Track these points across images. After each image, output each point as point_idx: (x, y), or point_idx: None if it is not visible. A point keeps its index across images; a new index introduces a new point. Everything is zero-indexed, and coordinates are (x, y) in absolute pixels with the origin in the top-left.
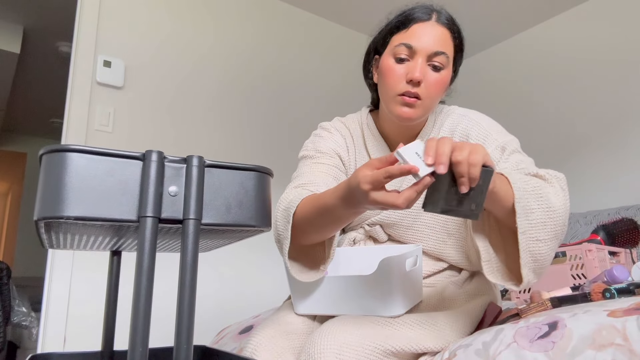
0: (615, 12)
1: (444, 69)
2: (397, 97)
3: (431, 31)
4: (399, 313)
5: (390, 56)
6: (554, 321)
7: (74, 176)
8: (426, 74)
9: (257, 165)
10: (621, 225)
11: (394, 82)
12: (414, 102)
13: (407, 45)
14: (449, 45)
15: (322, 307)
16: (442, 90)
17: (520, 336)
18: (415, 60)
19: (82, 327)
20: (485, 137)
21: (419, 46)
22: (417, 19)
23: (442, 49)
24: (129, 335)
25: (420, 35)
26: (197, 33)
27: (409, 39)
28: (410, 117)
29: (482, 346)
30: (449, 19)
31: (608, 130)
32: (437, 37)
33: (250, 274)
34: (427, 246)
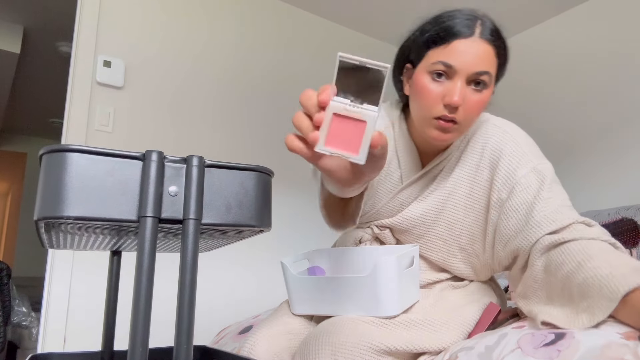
0: (615, 13)
1: (486, 89)
2: (433, 120)
3: (474, 49)
4: (395, 313)
5: (426, 73)
6: (562, 332)
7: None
8: (465, 96)
9: (257, 165)
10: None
11: (429, 104)
12: (449, 126)
13: (446, 64)
14: (492, 63)
15: (319, 307)
16: (481, 111)
17: (525, 342)
18: (454, 81)
19: (82, 327)
20: (521, 156)
21: (459, 66)
22: (458, 34)
23: (484, 69)
24: (129, 335)
25: (461, 53)
26: (197, 33)
27: (449, 56)
28: (444, 141)
29: (485, 350)
30: (493, 32)
31: (608, 131)
32: (479, 55)
33: (251, 274)
34: (435, 257)
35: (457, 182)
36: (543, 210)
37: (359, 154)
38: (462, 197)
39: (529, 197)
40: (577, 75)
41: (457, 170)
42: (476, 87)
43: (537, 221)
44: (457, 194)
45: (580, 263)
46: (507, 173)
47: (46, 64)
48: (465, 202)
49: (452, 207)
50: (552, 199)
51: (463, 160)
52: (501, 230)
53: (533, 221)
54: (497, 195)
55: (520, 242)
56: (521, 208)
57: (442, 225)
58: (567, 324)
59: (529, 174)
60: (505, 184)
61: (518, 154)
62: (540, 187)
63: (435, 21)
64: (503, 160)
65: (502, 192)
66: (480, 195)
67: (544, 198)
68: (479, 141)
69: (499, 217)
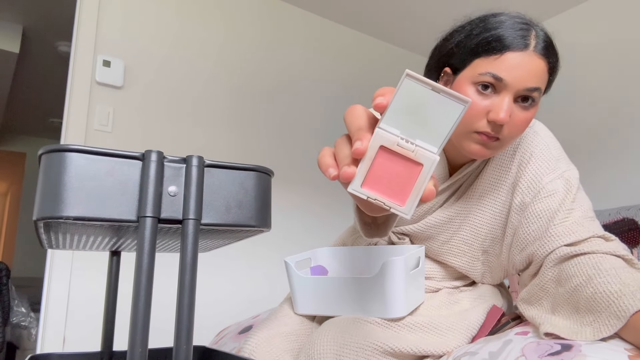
0: (617, 12)
1: (533, 106)
2: (474, 134)
3: (527, 64)
4: (401, 315)
5: (471, 83)
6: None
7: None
8: (512, 114)
9: (257, 165)
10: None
11: (472, 118)
12: (491, 143)
13: (496, 77)
14: (544, 79)
15: (323, 307)
16: (525, 128)
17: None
18: (502, 96)
19: (81, 328)
20: (549, 161)
21: (510, 81)
22: (512, 45)
23: (536, 85)
24: (129, 335)
25: (514, 67)
26: (196, 33)
27: (499, 69)
28: (483, 157)
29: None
30: (548, 44)
31: (608, 131)
32: (533, 71)
33: (251, 274)
34: (459, 263)
35: (486, 186)
36: (564, 221)
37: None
38: (490, 200)
39: (552, 205)
40: (577, 75)
41: (486, 174)
42: (524, 103)
43: (556, 231)
44: (486, 197)
45: (591, 277)
46: (533, 177)
47: (45, 63)
48: (493, 205)
49: (479, 211)
50: (574, 210)
51: (493, 163)
52: (520, 235)
53: (553, 230)
54: (520, 198)
55: (537, 250)
56: (543, 215)
57: (467, 230)
58: (570, 335)
59: (556, 181)
60: (530, 188)
61: (547, 158)
62: (566, 196)
63: (485, 26)
64: (532, 163)
65: (526, 196)
66: (506, 197)
67: (567, 209)
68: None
69: (520, 221)
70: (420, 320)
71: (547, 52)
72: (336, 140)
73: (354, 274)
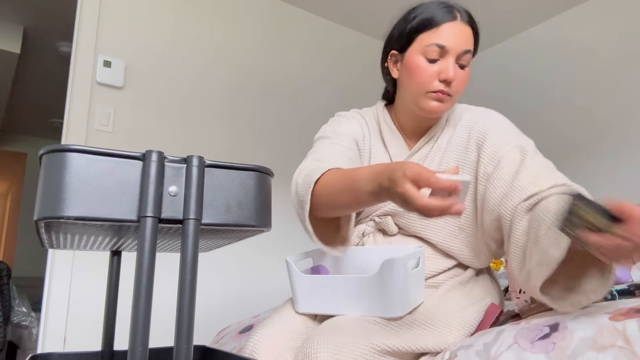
0: (617, 12)
1: (467, 67)
2: (430, 93)
3: (460, 31)
4: (400, 314)
5: (419, 55)
6: (555, 322)
7: (74, 176)
8: (455, 73)
9: (257, 165)
10: None
11: (426, 81)
12: (445, 98)
13: (439, 45)
14: (472, 42)
15: (323, 306)
16: (467, 84)
17: (521, 337)
18: (446, 59)
19: (82, 327)
20: (503, 135)
21: (450, 46)
22: (445, 18)
23: (469, 47)
24: (129, 335)
25: (450, 35)
26: (197, 33)
27: (440, 39)
28: (441, 111)
29: (483, 347)
30: (469, 14)
31: (608, 130)
32: (464, 36)
33: (251, 274)
34: (437, 239)
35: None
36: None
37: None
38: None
39: (513, 167)
40: (577, 75)
41: (447, 154)
42: (462, 66)
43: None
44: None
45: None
46: (492, 151)
47: (46, 64)
48: None
49: None
50: (534, 166)
51: (451, 145)
52: (488, 200)
53: (516, 186)
54: (483, 169)
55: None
56: (506, 176)
57: None
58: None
59: (513, 150)
60: (492, 160)
61: (501, 134)
62: (523, 158)
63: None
64: (488, 140)
65: (489, 167)
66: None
67: (527, 166)
68: (464, 127)
69: (486, 188)
70: (417, 318)
71: (470, 20)
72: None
73: (354, 273)
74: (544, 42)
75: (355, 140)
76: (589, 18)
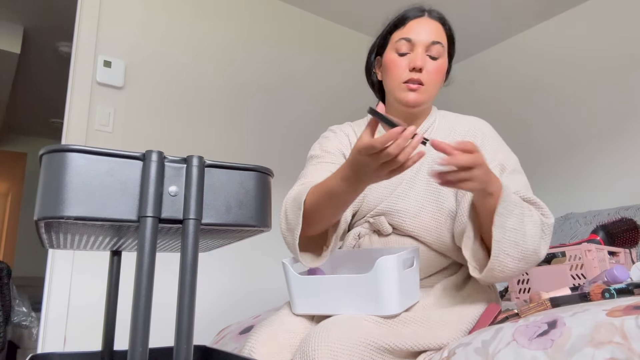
0: (614, 13)
1: (440, 58)
2: (402, 84)
3: (426, 24)
4: (395, 312)
5: (392, 51)
6: (553, 320)
7: (74, 176)
8: (426, 63)
9: (257, 165)
10: (621, 225)
11: (398, 73)
12: (417, 87)
13: (406, 39)
14: (442, 36)
15: (320, 307)
16: (442, 76)
17: (520, 334)
18: (415, 51)
19: (82, 327)
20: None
21: (417, 38)
22: (412, 16)
23: (437, 39)
24: (129, 335)
25: (417, 29)
26: (197, 33)
27: (408, 33)
28: (416, 101)
29: (482, 345)
30: (439, 14)
31: (607, 130)
32: (431, 29)
33: (251, 274)
34: (430, 238)
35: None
36: None
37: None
38: None
39: None
40: (576, 75)
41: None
42: (433, 58)
43: None
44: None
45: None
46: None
47: (46, 64)
48: None
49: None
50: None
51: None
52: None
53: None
54: None
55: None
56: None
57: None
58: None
59: (494, 169)
60: None
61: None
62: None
63: (395, 16)
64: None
65: None
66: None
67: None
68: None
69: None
70: (415, 316)
71: (440, 18)
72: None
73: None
74: (543, 42)
75: (343, 154)
76: (586, 19)
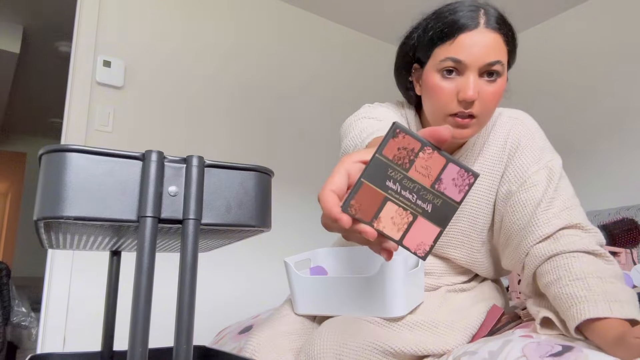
0: (615, 12)
1: (499, 78)
2: (448, 117)
3: (481, 40)
4: (401, 314)
5: (435, 72)
6: (569, 345)
7: (73, 176)
8: (480, 90)
9: (257, 165)
10: (621, 225)
11: (443, 103)
12: (467, 122)
13: (455, 60)
14: (502, 51)
15: (323, 307)
16: (499, 100)
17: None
18: (466, 76)
19: (81, 327)
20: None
21: (469, 60)
22: (463, 27)
23: (495, 58)
24: (129, 335)
25: (469, 46)
26: (197, 33)
27: (457, 52)
28: (464, 138)
29: (489, 355)
30: (498, 19)
31: (608, 130)
32: (488, 46)
33: (250, 274)
34: (459, 255)
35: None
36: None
37: None
38: (484, 191)
39: (536, 195)
40: (577, 75)
41: (477, 165)
42: (489, 77)
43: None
44: (479, 187)
45: (560, 277)
46: (520, 167)
47: (46, 64)
48: (488, 195)
49: (474, 202)
50: (555, 199)
51: (484, 155)
52: (505, 224)
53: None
54: (507, 186)
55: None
56: (528, 204)
57: (464, 221)
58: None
59: (540, 171)
60: (517, 177)
61: (533, 149)
62: (548, 185)
63: (438, 17)
64: (519, 152)
65: (513, 185)
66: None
67: (549, 197)
68: (499, 135)
69: (505, 209)
70: (420, 319)
71: (499, 26)
72: None
73: (354, 274)
74: (543, 42)
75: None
76: (586, 19)
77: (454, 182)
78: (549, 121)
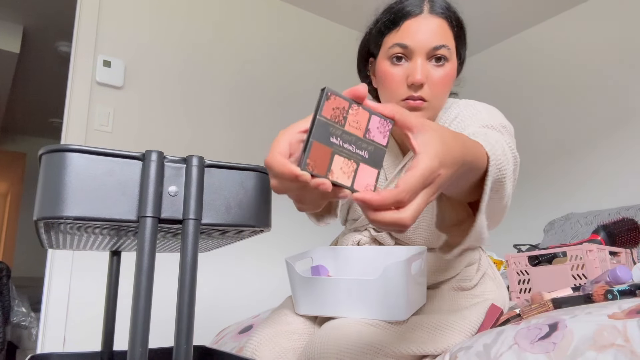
0: (614, 13)
1: (447, 62)
2: (400, 102)
3: (426, 25)
4: (403, 318)
5: (385, 59)
6: (555, 322)
7: (73, 176)
8: (429, 73)
9: (257, 165)
10: (622, 225)
11: (394, 88)
12: (419, 104)
13: (401, 45)
14: (448, 35)
15: (325, 308)
16: (449, 85)
17: (521, 337)
18: (414, 60)
19: (81, 328)
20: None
21: (414, 44)
22: (407, 14)
23: (441, 42)
24: (129, 335)
25: (414, 32)
26: (197, 33)
27: (403, 38)
28: None
29: (483, 348)
30: (443, 6)
31: (608, 130)
32: (433, 30)
33: (250, 274)
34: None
35: None
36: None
37: None
38: None
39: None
40: (577, 75)
41: None
42: (437, 63)
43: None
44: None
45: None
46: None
47: (46, 63)
48: None
49: None
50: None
51: None
52: None
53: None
54: None
55: None
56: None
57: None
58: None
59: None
60: None
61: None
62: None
63: (387, 9)
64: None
65: None
66: None
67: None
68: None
69: None
70: (420, 321)
71: (443, 10)
72: None
73: (355, 274)
74: (543, 42)
75: None
76: (586, 19)
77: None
78: (549, 121)
